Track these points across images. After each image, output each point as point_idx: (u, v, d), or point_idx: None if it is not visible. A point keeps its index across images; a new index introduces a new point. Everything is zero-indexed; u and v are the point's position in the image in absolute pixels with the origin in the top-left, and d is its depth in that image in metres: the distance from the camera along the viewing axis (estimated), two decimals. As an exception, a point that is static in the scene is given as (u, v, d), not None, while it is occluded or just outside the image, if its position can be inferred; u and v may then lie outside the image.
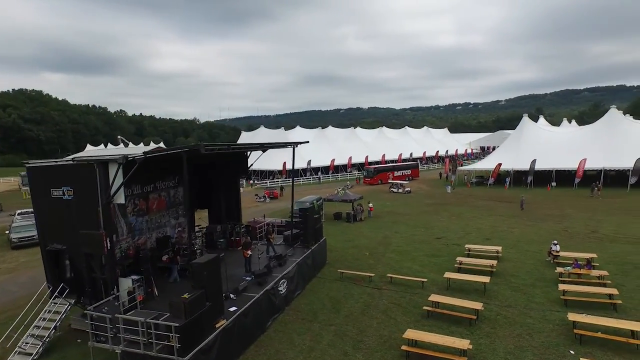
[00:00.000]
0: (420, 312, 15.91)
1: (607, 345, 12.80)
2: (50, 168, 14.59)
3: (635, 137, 46.26)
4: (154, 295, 14.49)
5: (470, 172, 57.42)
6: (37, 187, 14.88)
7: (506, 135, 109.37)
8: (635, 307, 15.64)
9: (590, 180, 44.55)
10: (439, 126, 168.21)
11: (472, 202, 41.08)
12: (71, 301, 14.62)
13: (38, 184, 14.86)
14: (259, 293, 14.99)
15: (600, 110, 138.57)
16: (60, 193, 14.16)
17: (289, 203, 45.20)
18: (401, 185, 50.25)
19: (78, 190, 13.90)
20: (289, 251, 20.35)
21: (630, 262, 20.71)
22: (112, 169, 13.22)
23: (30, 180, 15.08)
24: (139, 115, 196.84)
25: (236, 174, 22.57)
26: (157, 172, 19.23)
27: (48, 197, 14.41)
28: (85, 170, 13.64)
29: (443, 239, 26.84)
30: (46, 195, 14.46)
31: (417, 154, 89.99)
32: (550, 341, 13.36)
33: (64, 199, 14.17)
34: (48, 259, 14.93)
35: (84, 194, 13.79)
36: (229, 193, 23.18)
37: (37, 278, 22.17)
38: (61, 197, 14.19)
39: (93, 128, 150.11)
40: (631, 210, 33.76)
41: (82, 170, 13.75)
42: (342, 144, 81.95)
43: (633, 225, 28.27)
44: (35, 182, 14.96)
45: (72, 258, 14.43)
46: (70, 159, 14.08)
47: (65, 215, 14.23)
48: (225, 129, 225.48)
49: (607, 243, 24.44)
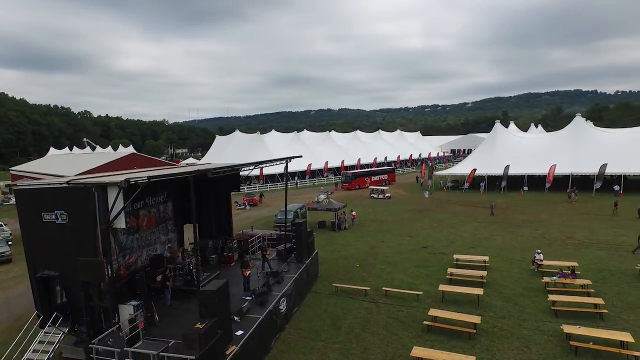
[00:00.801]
0: (420, 326, 16.22)
1: (601, 355, 13.50)
2: (42, 191, 13.84)
3: (598, 144, 48.99)
4: (155, 321, 14.06)
5: (446, 177, 58.98)
6: (26, 211, 14.06)
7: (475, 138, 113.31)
8: (618, 314, 16.61)
9: (559, 185, 46.79)
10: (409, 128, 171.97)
11: (451, 208, 42.20)
12: (64, 330, 13.94)
13: (27, 207, 14.05)
14: (261, 314, 14.86)
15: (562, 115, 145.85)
16: (53, 217, 13.46)
17: (269, 210, 45.28)
18: (382, 191, 50.93)
19: (73, 215, 13.26)
20: (284, 266, 20.26)
21: (607, 268, 21.92)
22: (112, 193, 12.69)
23: (18, 203, 14.24)
24: (105, 117, 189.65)
25: (228, 188, 22.21)
26: (146, 188, 18.66)
27: (39, 222, 13.64)
28: (81, 193, 13.04)
29: (429, 248, 27.44)
30: (36, 220, 13.68)
31: (392, 157, 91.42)
32: (547, 353, 13.96)
33: (57, 224, 13.48)
34: (38, 287, 14.14)
35: (79, 218, 13.16)
36: (220, 207, 22.77)
37: (12, 301, 21.09)
38: (54, 222, 13.49)
39: (56, 130, 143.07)
40: (599, 215, 35.73)
41: (78, 193, 13.13)
42: (317, 148, 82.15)
43: (603, 231, 29.91)
44: (23, 206, 14.13)
45: (67, 285, 13.75)
46: (65, 182, 13.39)
47: (58, 240, 13.53)
48: (195, 131, 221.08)
49: (582, 249, 25.73)
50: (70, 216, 13.30)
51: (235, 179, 21.96)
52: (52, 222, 13.53)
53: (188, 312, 15.06)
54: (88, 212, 12.92)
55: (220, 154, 76.27)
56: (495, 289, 19.76)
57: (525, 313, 17.06)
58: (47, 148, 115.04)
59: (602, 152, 46.82)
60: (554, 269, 20.72)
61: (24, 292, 21.71)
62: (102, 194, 12.76)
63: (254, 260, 21.00)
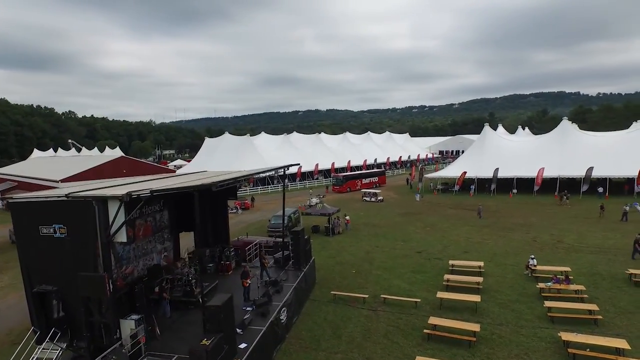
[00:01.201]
0: (420, 334, 16.34)
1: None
2: (40, 204, 13.57)
3: (584, 147, 50.09)
4: (156, 335, 13.87)
5: (436, 179, 59.55)
6: (23, 224, 13.77)
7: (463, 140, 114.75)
8: (611, 320, 17.00)
9: (548, 188, 47.65)
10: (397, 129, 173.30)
11: (443, 211, 42.63)
12: (62, 346, 13.68)
13: (23, 220, 13.75)
14: (263, 325, 14.79)
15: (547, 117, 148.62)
16: (51, 231, 13.21)
17: (262, 214, 45.12)
18: (374, 194, 51.16)
19: (72, 228, 13.03)
20: (282, 275, 20.21)
21: (598, 272, 22.41)
22: (113, 206, 12.52)
23: (14, 216, 13.92)
24: (91, 117, 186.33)
25: (225, 195, 22.04)
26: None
27: (36, 235, 13.38)
28: (81, 207, 12.82)
29: (423, 253, 27.66)
30: (33, 233, 13.41)
31: (381, 159, 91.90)
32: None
33: (55, 237, 13.23)
34: (35, 302, 13.84)
35: (79, 232, 12.95)
36: (217, 215, 22.60)
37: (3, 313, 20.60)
38: (52, 236, 13.24)
39: (39, 131, 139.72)
40: (587, 217, 36.51)
41: (78, 207, 12.90)
42: (307, 150, 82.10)
43: (592, 234, 30.57)
44: (19, 219, 13.83)
45: (65, 300, 13.49)
46: (64, 195, 13.13)
47: (56, 254, 13.28)
48: (182, 132, 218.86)
49: (573, 253, 26.24)
50: (70, 230, 13.07)
51: (232, 187, 21.80)
52: (49, 235, 13.28)
53: (189, 324, 14.95)
54: (88, 225, 12.74)
55: (210, 157, 75.61)
56: (491, 295, 20.03)
57: (522, 320, 17.34)
58: (31, 150, 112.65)
59: (588, 155, 47.89)
60: (548, 274, 21.11)
61: (15, 304, 21.26)
62: (102, 208, 12.57)
63: (252, 268, 20.89)
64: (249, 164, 60.72)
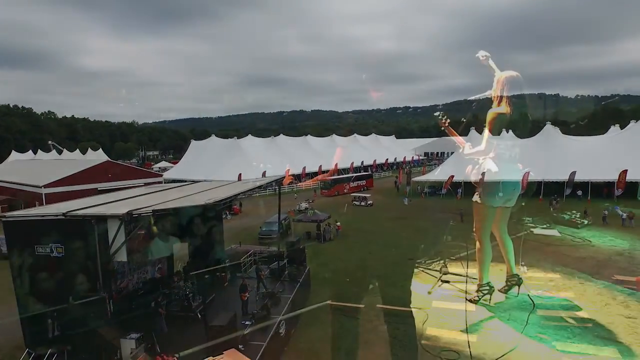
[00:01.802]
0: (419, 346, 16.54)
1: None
2: (35, 223, 13.25)
3: (567, 151, 51.42)
4: (156, 353, 13.69)
5: (424, 182, 60.22)
6: (16, 243, 13.42)
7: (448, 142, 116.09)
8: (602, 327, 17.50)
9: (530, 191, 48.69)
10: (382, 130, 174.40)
11: (431, 215, 43.13)
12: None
13: (17, 239, 13.42)
14: (264, 341, 14.75)
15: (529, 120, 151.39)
16: (48, 250, 12.92)
17: (251, 220, 44.86)
18: (364, 198, 51.49)
19: (70, 248, 12.77)
20: (278, 286, 20.18)
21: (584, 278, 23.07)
22: (113, 226, 12.33)
23: (7, 234, 13.55)
24: (71, 118, 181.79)
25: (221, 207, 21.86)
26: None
27: (31, 255, 13.06)
28: (79, 226, 12.58)
29: (415, 260, 27.94)
30: (29, 252, 13.09)
31: (368, 161, 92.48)
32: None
33: (52, 257, 12.94)
34: (29, 322, 13.51)
35: (77, 251, 12.70)
36: (212, 225, 22.37)
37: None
38: (48, 255, 12.95)
39: (16, 132, 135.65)
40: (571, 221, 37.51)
41: (76, 226, 12.66)
42: (294, 153, 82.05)
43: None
44: (13, 238, 13.48)
45: (63, 321, 13.19)
46: (62, 213, 12.84)
47: (53, 274, 12.98)
48: (166, 132, 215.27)
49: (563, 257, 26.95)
50: (67, 249, 12.80)
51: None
52: (46, 255, 12.99)
53: (188, 340, 14.77)
54: (87, 245, 12.50)
55: (196, 160, 74.89)
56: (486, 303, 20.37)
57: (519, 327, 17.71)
58: (8, 151, 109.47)
59: (571, 159, 49.18)
60: (538, 280, 21.63)
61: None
62: (102, 227, 12.36)
63: (248, 279, 20.78)
64: (236, 168, 60.44)
